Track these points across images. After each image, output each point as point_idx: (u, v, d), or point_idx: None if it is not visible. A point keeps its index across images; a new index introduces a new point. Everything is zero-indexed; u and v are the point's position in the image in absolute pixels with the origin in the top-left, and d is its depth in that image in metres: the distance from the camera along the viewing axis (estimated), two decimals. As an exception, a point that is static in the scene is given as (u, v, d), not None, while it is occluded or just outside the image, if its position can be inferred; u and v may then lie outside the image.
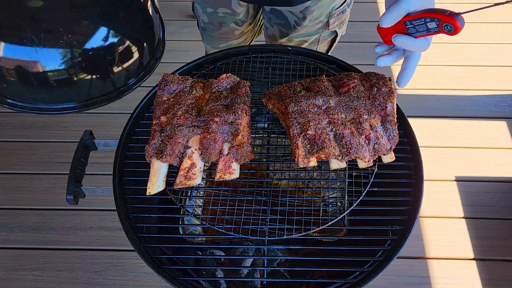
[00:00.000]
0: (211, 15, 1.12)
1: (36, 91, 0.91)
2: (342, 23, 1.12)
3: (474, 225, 1.58)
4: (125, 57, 0.95)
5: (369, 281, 0.74)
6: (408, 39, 0.71)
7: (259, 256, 0.95)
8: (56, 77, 0.88)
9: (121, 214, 0.81)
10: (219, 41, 1.21)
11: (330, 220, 0.75)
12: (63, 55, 0.87)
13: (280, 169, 0.97)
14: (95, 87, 0.95)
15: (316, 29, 1.08)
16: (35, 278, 1.50)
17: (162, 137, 0.77)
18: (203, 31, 1.22)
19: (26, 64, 0.86)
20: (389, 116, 0.78)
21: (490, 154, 1.76)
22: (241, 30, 1.17)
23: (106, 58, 0.92)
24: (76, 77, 0.90)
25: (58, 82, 0.90)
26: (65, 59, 0.87)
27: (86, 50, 0.88)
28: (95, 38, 0.89)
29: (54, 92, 0.92)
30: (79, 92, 0.94)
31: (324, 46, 1.17)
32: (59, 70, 0.87)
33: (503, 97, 1.94)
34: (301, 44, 1.13)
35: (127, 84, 0.96)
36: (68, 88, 0.92)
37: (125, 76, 0.96)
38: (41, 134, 1.86)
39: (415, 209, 0.79)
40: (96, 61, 0.91)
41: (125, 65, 0.95)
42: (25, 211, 1.65)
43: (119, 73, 0.95)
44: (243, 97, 0.81)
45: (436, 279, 1.48)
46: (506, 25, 2.21)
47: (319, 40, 1.12)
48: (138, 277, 1.50)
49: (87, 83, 0.93)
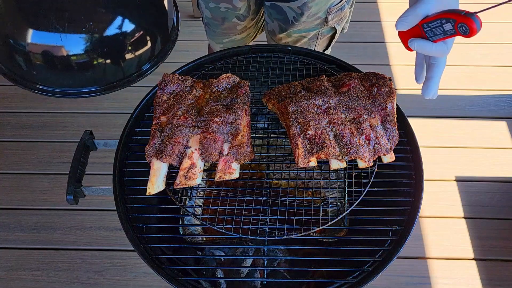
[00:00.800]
0: (214, 10, 1.13)
1: (61, 75, 0.97)
2: (341, 20, 1.12)
3: (474, 225, 1.58)
4: (142, 42, 1.00)
5: (369, 281, 0.74)
6: (425, 43, 0.66)
7: (259, 256, 0.95)
8: (78, 60, 0.94)
9: (121, 214, 0.81)
10: (223, 36, 1.23)
11: (330, 220, 0.75)
12: (85, 40, 0.93)
13: (280, 169, 0.97)
14: (115, 70, 0.99)
15: (314, 25, 1.09)
16: (35, 278, 1.50)
17: (162, 137, 0.77)
18: (207, 26, 1.24)
19: (52, 49, 0.92)
20: (389, 116, 0.78)
21: (490, 154, 1.76)
22: (244, 25, 1.18)
23: (125, 43, 0.97)
24: (97, 61, 0.96)
25: (80, 66, 0.95)
26: (87, 45, 0.93)
27: (106, 36, 0.94)
28: (114, 24, 0.95)
29: (78, 76, 0.97)
30: (101, 76, 0.99)
31: (323, 42, 1.18)
32: (82, 54, 0.94)
33: (503, 97, 1.94)
34: (300, 39, 1.13)
35: (143, 69, 1.01)
36: (90, 72, 0.97)
37: (142, 59, 1.02)
38: (41, 134, 1.86)
39: (415, 209, 0.79)
40: (116, 45, 0.96)
41: (142, 50, 1.00)
42: (25, 211, 1.65)
43: (136, 57, 1.00)
44: (243, 97, 0.81)
45: (436, 279, 1.48)
46: (506, 25, 2.21)
47: (318, 36, 1.13)
48: (138, 277, 1.50)
49: (108, 67, 0.98)
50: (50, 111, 1.92)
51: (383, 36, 2.15)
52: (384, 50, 2.09)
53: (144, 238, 0.80)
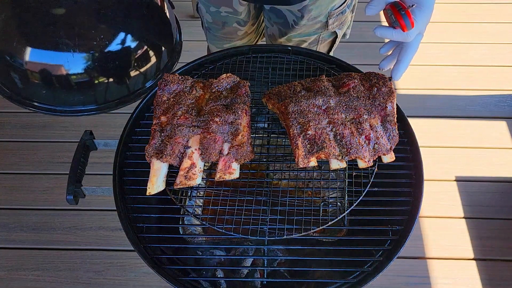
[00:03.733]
0: (215, 15, 1.13)
1: (58, 94, 0.96)
2: (342, 24, 1.12)
3: (474, 225, 1.58)
4: (145, 60, 1.00)
5: (369, 281, 0.74)
6: (386, 29, 0.71)
7: (259, 256, 0.96)
8: (81, 79, 0.93)
9: (121, 214, 0.81)
10: (223, 41, 1.22)
11: (330, 220, 0.75)
12: (90, 58, 0.92)
13: (280, 169, 0.97)
14: (117, 89, 0.98)
15: (315, 29, 1.08)
16: (35, 278, 1.50)
17: (162, 137, 0.77)
18: (207, 31, 1.23)
19: (56, 68, 0.91)
20: (389, 116, 0.78)
21: (490, 154, 1.76)
22: (244, 30, 1.18)
23: (131, 59, 0.96)
24: (98, 80, 0.95)
25: (81, 85, 0.94)
26: (92, 62, 0.92)
27: (112, 52, 0.93)
28: (121, 40, 0.94)
29: (79, 94, 0.96)
30: (102, 94, 0.98)
31: (324, 47, 1.17)
32: (86, 72, 0.92)
33: (503, 97, 1.94)
34: (301, 44, 1.13)
35: (145, 86, 1.00)
36: (92, 89, 0.96)
37: (145, 78, 1.00)
38: (41, 134, 1.86)
39: (415, 209, 0.79)
40: (123, 62, 0.95)
41: (145, 68, 1.00)
42: (25, 211, 1.65)
43: (139, 75, 0.99)
44: (243, 97, 0.81)
45: (436, 279, 1.48)
46: (506, 25, 2.21)
47: (319, 40, 1.12)
48: (138, 277, 1.50)
49: (111, 85, 0.97)
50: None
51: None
52: (384, 50, 2.09)
53: (144, 238, 0.80)
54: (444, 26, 2.19)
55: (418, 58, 2.10)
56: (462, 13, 2.23)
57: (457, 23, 2.20)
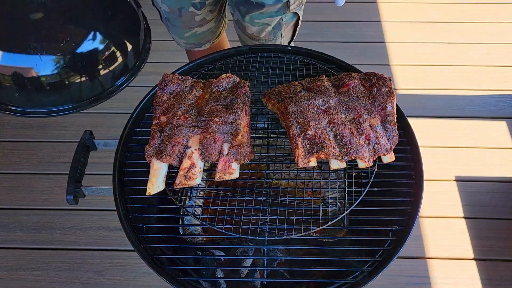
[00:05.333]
0: (169, 2, 1.13)
1: (34, 95, 0.96)
2: (301, 4, 1.12)
3: (474, 225, 1.58)
4: (113, 59, 1.00)
5: (369, 281, 0.74)
6: None
7: (259, 256, 0.95)
8: (52, 80, 0.94)
9: (121, 214, 0.81)
10: (183, 30, 1.23)
11: (330, 220, 0.75)
12: (59, 60, 0.92)
13: (280, 169, 0.97)
14: (88, 88, 0.99)
15: (277, 9, 1.08)
16: (35, 278, 1.50)
17: (162, 137, 0.77)
18: (167, 21, 1.24)
19: (26, 71, 0.91)
20: (389, 116, 0.78)
21: (490, 154, 1.76)
22: (202, 16, 1.18)
23: (99, 59, 0.97)
24: (69, 80, 0.96)
25: (53, 86, 0.95)
26: (61, 64, 0.93)
27: (80, 53, 0.94)
28: (88, 41, 0.95)
29: (51, 95, 0.97)
30: (75, 94, 0.98)
31: (288, 32, 1.18)
32: (56, 74, 0.93)
33: (503, 97, 1.94)
34: (265, 28, 1.13)
35: (115, 85, 1.02)
36: (64, 90, 0.96)
37: (114, 76, 1.02)
38: (41, 134, 1.86)
39: (415, 209, 0.79)
40: (91, 62, 0.96)
41: (113, 66, 1.00)
42: (25, 211, 1.65)
43: (108, 74, 1.00)
44: (243, 97, 0.81)
45: (436, 279, 1.48)
46: (506, 25, 2.21)
47: (282, 24, 1.13)
48: (138, 277, 1.50)
49: (82, 84, 0.98)
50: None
51: (383, 36, 2.15)
52: (384, 50, 2.09)
53: (144, 238, 0.80)
54: (444, 26, 2.19)
55: (418, 58, 2.11)
56: (462, 13, 2.23)
57: (457, 23, 2.20)
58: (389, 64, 2.04)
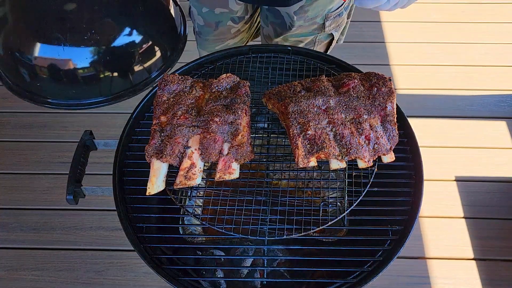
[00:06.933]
0: (207, 15, 1.12)
1: (70, 87, 0.98)
2: (339, 27, 1.12)
3: (474, 225, 1.58)
4: (149, 52, 1.01)
5: (369, 281, 0.74)
6: None
7: (259, 256, 0.96)
8: (88, 73, 0.95)
9: (121, 214, 0.81)
10: (215, 43, 1.21)
11: (330, 220, 0.75)
12: (90, 52, 0.93)
13: (280, 169, 0.97)
14: (121, 81, 1.00)
15: (311, 30, 1.08)
16: (35, 278, 1.50)
17: (162, 137, 0.77)
18: (198, 35, 1.22)
19: (58, 62, 0.92)
20: (389, 116, 0.78)
21: (490, 154, 1.76)
22: (238, 28, 1.17)
23: (133, 53, 0.98)
24: (104, 73, 0.97)
25: (86, 78, 0.96)
26: (92, 56, 0.93)
27: (112, 47, 0.94)
28: (119, 35, 0.95)
29: (84, 87, 0.98)
30: (108, 86, 0.99)
31: (321, 48, 1.17)
32: (87, 67, 0.94)
33: (503, 97, 1.94)
34: (297, 44, 1.13)
35: (151, 77, 1.02)
36: (96, 83, 0.98)
37: (149, 69, 1.03)
38: (41, 134, 1.86)
39: (415, 209, 0.79)
40: (121, 56, 0.97)
41: (149, 59, 1.01)
42: (25, 211, 1.65)
43: (143, 66, 1.01)
44: (243, 97, 0.81)
45: (436, 279, 1.48)
46: (506, 25, 2.21)
47: (315, 42, 1.13)
48: (138, 277, 1.50)
49: (115, 78, 0.99)
50: (50, 111, 1.92)
51: (383, 36, 2.15)
52: (384, 50, 2.09)
53: (144, 238, 0.80)
54: (444, 26, 2.19)
55: (418, 58, 2.11)
56: (462, 13, 2.23)
57: (457, 23, 2.20)
58: (389, 64, 2.04)
